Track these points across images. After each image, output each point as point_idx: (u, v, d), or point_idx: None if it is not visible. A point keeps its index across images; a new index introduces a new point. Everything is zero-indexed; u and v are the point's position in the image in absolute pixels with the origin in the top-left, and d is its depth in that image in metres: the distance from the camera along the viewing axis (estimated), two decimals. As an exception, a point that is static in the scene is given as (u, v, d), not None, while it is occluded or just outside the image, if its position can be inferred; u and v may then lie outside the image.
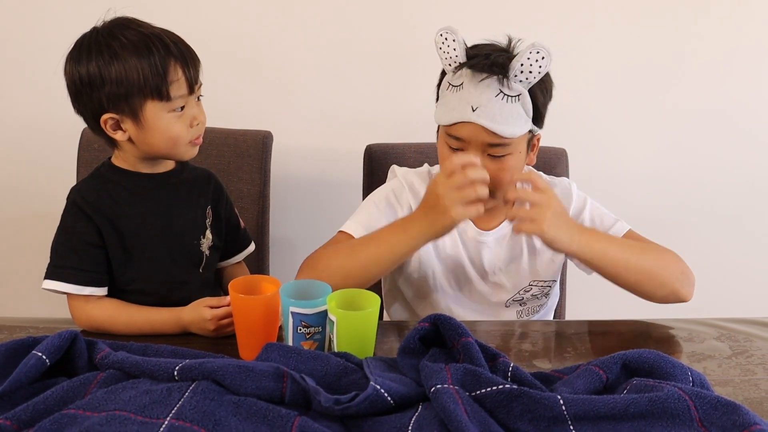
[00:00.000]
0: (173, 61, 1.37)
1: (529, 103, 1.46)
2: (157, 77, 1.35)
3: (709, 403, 1.01)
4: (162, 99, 1.37)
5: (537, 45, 1.40)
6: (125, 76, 1.35)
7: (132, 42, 1.35)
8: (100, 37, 1.37)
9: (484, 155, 1.48)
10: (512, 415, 1.02)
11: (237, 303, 1.27)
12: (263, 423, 1.00)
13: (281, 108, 2.28)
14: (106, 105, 1.38)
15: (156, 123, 1.39)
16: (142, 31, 1.37)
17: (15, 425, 0.98)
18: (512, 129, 1.45)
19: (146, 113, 1.38)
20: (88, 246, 1.43)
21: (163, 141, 1.41)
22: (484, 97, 1.43)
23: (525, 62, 1.41)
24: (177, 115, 1.39)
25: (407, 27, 2.22)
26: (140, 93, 1.36)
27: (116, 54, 1.35)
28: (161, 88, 1.36)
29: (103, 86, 1.36)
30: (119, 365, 1.11)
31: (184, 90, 1.39)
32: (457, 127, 1.48)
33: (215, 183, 1.62)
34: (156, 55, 1.35)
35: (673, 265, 1.51)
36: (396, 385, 1.06)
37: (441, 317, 1.18)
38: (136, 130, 1.40)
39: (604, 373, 1.11)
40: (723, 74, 2.33)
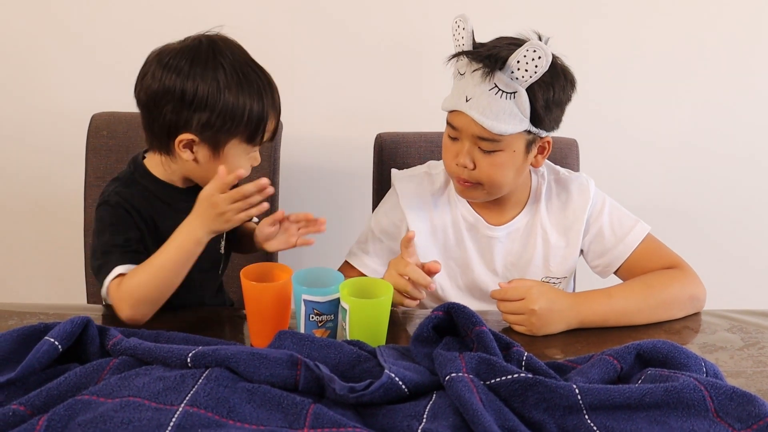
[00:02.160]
0: (273, 111, 1.38)
1: (525, 102, 1.43)
2: (258, 124, 1.36)
3: (725, 393, 1.01)
4: (250, 144, 1.38)
5: (534, 44, 1.37)
6: (231, 111, 1.33)
7: (248, 79, 1.34)
8: (209, 59, 1.33)
9: (476, 148, 1.49)
10: (527, 404, 1.02)
11: (249, 290, 1.27)
12: (277, 410, 1.00)
13: (291, 97, 2.27)
14: (194, 127, 1.34)
15: (231, 159, 1.38)
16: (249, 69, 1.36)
17: (29, 410, 0.98)
18: (502, 126, 1.43)
19: (228, 149, 1.37)
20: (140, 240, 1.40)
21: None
22: (478, 89, 1.43)
23: (521, 59, 1.38)
24: (249, 155, 1.41)
25: (418, 16, 2.22)
26: (235, 131, 1.35)
27: (229, 86, 1.32)
28: (256, 136, 1.37)
29: (203, 110, 1.32)
30: (132, 351, 1.11)
31: (267, 138, 1.41)
32: (452, 115, 1.50)
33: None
34: (265, 102, 1.35)
35: (681, 294, 1.48)
36: (410, 374, 1.06)
37: (454, 306, 1.18)
38: (208, 159, 1.37)
39: (618, 362, 1.11)
40: (738, 67, 2.32)
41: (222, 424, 0.96)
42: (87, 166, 1.92)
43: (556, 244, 1.62)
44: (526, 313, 1.37)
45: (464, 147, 1.49)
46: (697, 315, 1.48)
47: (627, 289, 1.49)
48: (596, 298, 1.43)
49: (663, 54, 2.29)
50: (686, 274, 1.51)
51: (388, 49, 2.24)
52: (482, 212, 1.62)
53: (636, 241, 1.57)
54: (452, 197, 1.65)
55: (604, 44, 2.27)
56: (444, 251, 1.64)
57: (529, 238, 1.63)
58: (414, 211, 1.63)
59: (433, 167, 1.71)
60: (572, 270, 1.67)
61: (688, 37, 2.28)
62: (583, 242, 1.62)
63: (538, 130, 1.48)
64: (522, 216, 1.63)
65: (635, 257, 1.57)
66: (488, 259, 1.64)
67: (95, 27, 2.21)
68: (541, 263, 1.63)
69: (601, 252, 1.60)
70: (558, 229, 1.62)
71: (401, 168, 1.75)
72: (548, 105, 1.46)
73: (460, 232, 1.63)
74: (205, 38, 1.38)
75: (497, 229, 1.62)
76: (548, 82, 1.43)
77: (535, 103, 1.44)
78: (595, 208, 1.61)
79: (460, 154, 1.50)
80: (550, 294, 1.40)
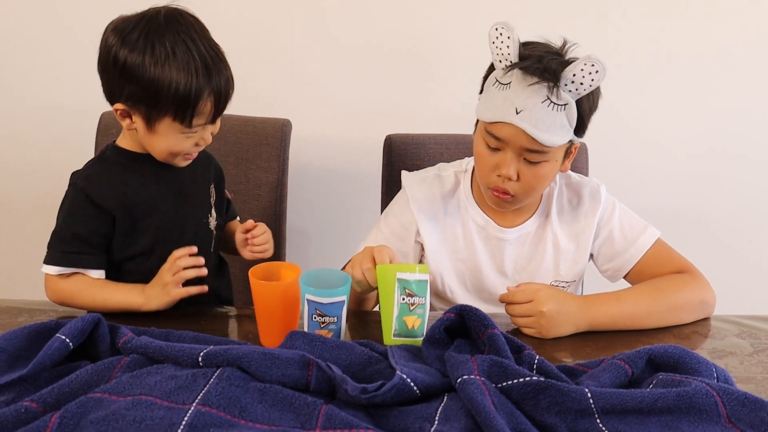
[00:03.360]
0: (208, 91, 1.33)
1: (574, 114, 1.42)
2: (187, 104, 1.32)
3: (737, 399, 1.01)
4: (182, 123, 1.35)
5: (593, 58, 1.35)
6: (158, 87, 1.30)
7: (178, 57, 1.30)
8: (153, 31, 1.32)
9: (520, 159, 1.46)
10: (539, 407, 1.02)
11: (257, 289, 1.27)
12: (289, 410, 1.00)
13: (301, 97, 2.28)
14: (126, 97, 1.34)
15: (164, 136, 1.37)
16: (192, 46, 1.32)
17: (41, 407, 0.98)
18: (553, 138, 1.41)
19: (160, 125, 1.36)
20: (94, 234, 1.42)
21: (162, 150, 1.40)
22: (530, 101, 1.40)
23: (578, 73, 1.37)
24: (187, 135, 1.38)
25: (429, 18, 2.21)
26: (164, 109, 1.33)
27: (159, 60, 1.30)
28: (186, 116, 1.33)
29: (133, 82, 1.32)
30: (143, 350, 1.11)
31: (205, 120, 1.37)
32: (497, 126, 1.45)
33: (214, 162, 1.63)
34: (195, 81, 1.31)
35: (691, 298, 1.48)
36: (422, 375, 1.05)
37: (466, 308, 1.18)
38: (144, 132, 1.38)
39: (630, 367, 1.11)
40: (750, 69, 2.31)
41: (234, 423, 0.96)
42: (94, 164, 1.93)
43: (566, 248, 1.62)
44: (534, 315, 1.37)
45: (507, 158, 1.46)
46: (707, 320, 1.48)
47: (636, 292, 1.49)
48: (605, 301, 1.43)
49: (673, 57, 2.29)
50: (696, 279, 1.51)
51: (399, 50, 2.24)
52: (493, 215, 1.62)
53: (646, 245, 1.57)
54: (462, 200, 1.64)
55: (613, 47, 2.26)
56: (454, 254, 1.64)
57: (540, 241, 1.63)
58: (424, 213, 1.63)
59: (443, 169, 1.70)
60: (581, 274, 1.66)
61: (699, 40, 2.28)
62: (593, 246, 1.62)
63: (575, 138, 1.48)
64: (533, 220, 1.63)
65: (645, 261, 1.57)
66: (498, 262, 1.63)
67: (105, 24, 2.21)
68: (551, 267, 1.63)
69: (612, 256, 1.60)
70: (568, 233, 1.62)
71: (410, 170, 1.74)
72: (590, 113, 1.48)
73: (470, 234, 1.63)
74: (164, 9, 1.36)
75: (508, 232, 1.62)
76: (591, 91, 1.43)
77: (582, 113, 1.44)
78: (605, 213, 1.61)
79: (503, 165, 1.47)
80: (558, 296, 1.40)
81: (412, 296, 1.24)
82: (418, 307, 1.25)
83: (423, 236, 1.62)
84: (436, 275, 1.64)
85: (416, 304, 1.25)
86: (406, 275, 1.24)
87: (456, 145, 1.92)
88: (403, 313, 1.25)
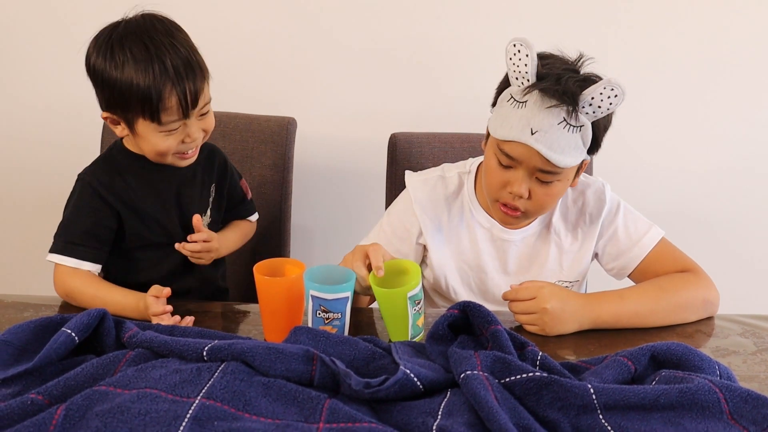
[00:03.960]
0: (170, 86, 1.33)
1: (589, 135, 1.42)
2: (150, 102, 1.33)
3: (740, 396, 1.01)
4: (152, 122, 1.36)
5: (613, 82, 1.34)
6: (122, 90, 1.34)
7: (135, 57, 1.33)
8: (114, 39, 1.35)
9: (532, 178, 1.46)
10: (542, 402, 1.02)
11: (261, 285, 1.27)
12: (293, 404, 1.00)
13: (305, 95, 2.28)
14: (105, 104, 1.39)
15: (146, 137, 1.39)
16: (150, 45, 1.34)
17: (47, 400, 0.99)
18: (567, 159, 1.41)
19: (138, 127, 1.38)
20: (99, 227, 1.46)
21: (150, 151, 1.43)
22: (546, 123, 1.39)
23: (596, 96, 1.36)
24: (168, 133, 1.39)
25: (434, 17, 2.21)
26: (134, 109, 1.35)
27: (120, 65, 1.33)
28: (153, 113, 1.34)
29: (104, 89, 1.36)
30: (147, 344, 1.12)
31: (178, 115, 1.37)
32: (511, 146, 1.43)
33: (220, 159, 1.63)
34: (152, 78, 1.32)
35: (694, 297, 1.48)
36: (425, 371, 1.06)
37: (470, 304, 1.18)
38: (130, 136, 1.42)
39: (633, 364, 1.11)
40: (753, 75, 2.32)
41: (238, 417, 0.96)
42: (99, 163, 1.94)
43: (569, 248, 1.63)
44: (537, 312, 1.38)
45: (519, 176, 1.46)
46: (710, 319, 1.49)
47: (640, 290, 1.49)
48: (609, 299, 1.43)
49: (677, 57, 2.29)
50: (700, 278, 1.51)
51: (403, 48, 2.25)
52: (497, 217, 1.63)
53: (650, 244, 1.57)
54: (466, 202, 1.65)
55: (618, 52, 2.27)
56: (458, 255, 1.64)
57: (544, 242, 1.64)
58: (427, 215, 1.63)
59: (446, 170, 1.70)
60: (585, 273, 1.67)
61: (704, 41, 2.28)
62: (598, 245, 1.62)
63: (587, 156, 1.48)
64: (537, 221, 1.63)
65: (649, 260, 1.57)
66: (502, 263, 1.64)
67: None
68: (555, 266, 1.63)
69: (616, 255, 1.60)
70: (572, 233, 1.63)
71: (415, 169, 1.75)
72: (604, 132, 1.47)
73: (475, 236, 1.63)
74: (136, 16, 1.39)
75: (512, 233, 1.62)
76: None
77: (597, 134, 1.44)
78: (610, 212, 1.61)
79: (515, 183, 1.46)
80: (561, 293, 1.40)
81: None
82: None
83: (426, 238, 1.62)
84: (440, 276, 1.65)
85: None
86: (413, 292, 1.25)
87: (460, 143, 1.93)
88: (416, 318, 1.28)
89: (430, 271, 1.66)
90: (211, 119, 1.45)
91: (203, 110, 1.41)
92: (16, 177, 2.41)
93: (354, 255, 1.39)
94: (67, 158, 2.33)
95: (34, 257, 2.49)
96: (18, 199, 2.43)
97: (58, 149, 2.36)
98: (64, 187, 2.36)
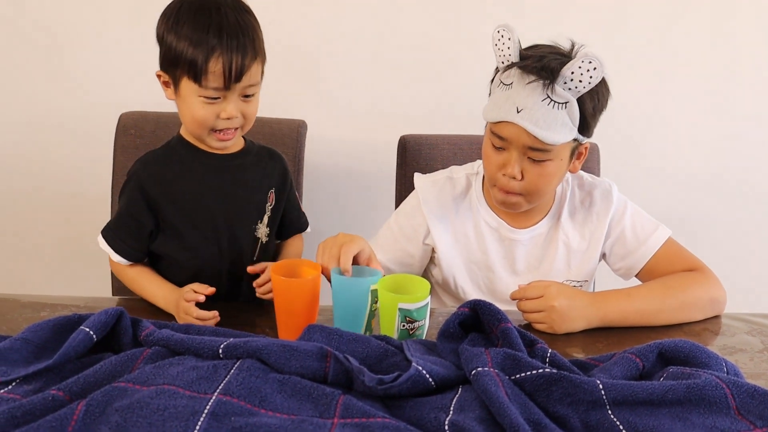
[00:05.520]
0: (219, 53, 1.36)
1: (576, 111, 1.45)
2: (196, 62, 1.36)
3: (746, 392, 1.02)
4: (195, 82, 1.38)
5: (590, 55, 1.39)
6: (173, 47, 1.38)
7: (196, 21, 1.37)
8: (186, 3, 1.40)
9: (525, 158, 1.49)
10: (552, 398, 1.03)
11: (278, 285, 1.29)
12: (308, 400, 1.02)
13: (316, 98, 2.30)
14: (160, 62, 1.43)
15: (187, 99, 1.42)
16: (215, 14, 1.38)
17: (67, 396, 1.00)
18: (555, 136, 1.44)
19: (182, 87, 1.41)
20: (136, 223, 1.48)
21: (189, 118, 1.44)
22: (530, 100, 1.43)
23: (576, 70, 1.40)
24: (207, 101, 1.40)
25: (444, 19, 2.23)
26: (181, 67, 1.38)
27: (177, 23, 1.38)
28: (197, 74, 1.37)
29: (162, 45, 1.41)
30: (164, 342, 1.14)
31: (219, 83, 1.38)
32: (500, 126, 1.48)
33: (281, 165, 1.63)
34: (205, 42, 1.35)
35: (701, 296, 1.50)
36: (437, 368, 1.07)
37: (480, 303, 1.20)
38: (175, 97, 1.45)
39: (641, 360, 1.12)
40: (761, 72, 2.33)
41: (254, 412, 0.98)
42: (115, 164, 1.96)
43: (577, 247, 1.64)
44: (545, 310, 1.39)
45: (512, 157, 1.50)
46: (717, 318, 1.50)
47: (647, 289, 1.51)
48: (616, 297, 1.45)
49: (684, 60, 2.31)
50: (707, 277, 1.52)
51: (413, 50, 2.26)
52: (505, 217, 1.65)
53: (657, 243, 1.59)
54: (474, 202, 1.67)
55: (626, 49, 2.28)
56: (466, 255, 1.66)
57: (552, 241, 1.65)
58: (436, 216, 1.65)
59: (454, 172, 1.72)
60: (593, 273, 1.68)
61: (713, 41, 2.30)
62: (605, 246, 1.64)
63: (582, 138, 1.50)
64: (545, 221, 1.65)
65: (656, 260, 1.58)
66: (510, 262, 1.65)
67: (124, 26, 2.25)
68: (563, 266, 1.65)
69: (624, 254, 1.62)
70: (580, 233, 1.64)
71: (424, 170, 1.77)
72: (594, 113, 1.49)
73: (483, 235, 1.65)
74: None
75: (520, 233, 1.64)
76: (595, 90, 1.45)
77: (584, 112, 1.46)
78: (617, 212, 1.63)
79: (508, 164, 1.50)
80: (569, 292, 1.42)
81: (413, 322, 1.26)
82: (418, 329, 1.27)
83: (435, 238, 1.64)
84: (449, 276, 1.67)
85: (416, 328, 1.27)
86: (407, 305, 1.25)
87: (469, 145, 1.94)
88: (403, 337, 1.26)
89: (439, 271, 1.68)
90: (255, 105, 1.47)
91: (247, 91, 1.43)
92: (29, 178, 2.43)
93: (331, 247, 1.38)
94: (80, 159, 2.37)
95: (48, 259, 2.52)
96: (32, 201, 2.45)
97: (70, 150, 2.39)
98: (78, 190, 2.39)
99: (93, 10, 2.24)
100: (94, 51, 2.26)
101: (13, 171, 2.42)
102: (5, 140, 2.39)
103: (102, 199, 2.04)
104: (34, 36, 2.28)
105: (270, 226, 1.58)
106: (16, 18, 2.26)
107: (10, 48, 2.30)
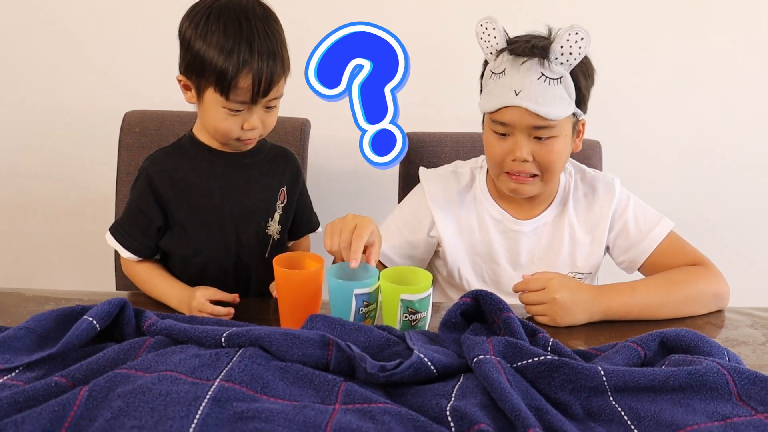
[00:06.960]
0: (248, 70, 1.36)
1: (571, 85, 1.48)
2: (225, 76, 1.35)
3: (748, 378, 1.02)
4: (221, 95, 1.38)
5: (576, 26, 1.42)
6: (202, 57, 1.36)
7: (226, 32, 1.35)
8: (213, 9, 1.38)
9: (530, 139, 1.50)
10: (553, 385, 1.04)
11: (281, 277, 1.29)
12: (309, 387, 1.02)
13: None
14: (183, 67, 1.42)
15: (211, 109, 1.41)
16: (244, 24, 1.36)
17: (70, 382, 1.01)
18: (556, 110, 1.46)
19: (206, 97, 1.41)
20: (145, 219, 1.48)
21: (212, 127, 1.44)
22: (527, 81, 1.45)
23: (564, 44, 1.43)
24: (231, 113, 1.40)
25: (447, 17, 2.24)
26: (208, 78, 1.37)
27: (206, 33, 1.36)
28: (225, 88, 1.36)
29: (188, 52, 1.39)
30: (167, 332, 1.14)
31: (246, 98, 1.38)
32: (501, 113, 1.50)
33: (294, 164, 1.63)
34: (235, 56, 1.35)
35: (705, 290, 1.50)
36: (438, 356, 1.08)
37: (483, 293, 1.20)
38: (196, 101, 1.44)
39: (642, 349, 1.13)
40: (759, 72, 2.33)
41: (256, 399, 0.98)
42: (119, 162, 1.96)
43: (582, 240, 1.64)
44: (547, 302, 1.40)
45: (518, 141, 1.51)
46: (720, 311, 1.50)
47: (650, 283, 1.51)
48: (619, 291, 1.45)
49: (687, 55, 2.31)
50: (710, 272, 1.53)
51: (416, 48, 2.24)
52: (508, 208, 1.65)
53: (660, 236, 1.59)
54: (478, 194, 1.67)
55: (628, 46, 2.29)
56: (470, 247, 1.67)
57: (556, 233, 1.66)
58: (441, 208, 1.66)
59: (459, 166, 1.74)
60: (597, 266, 1.68)
61: (716, 37, 2.30)
62: (609, 238, 1.64)
63: (579, 112, 1.53)
64: (549, 212, 1.65)
65: (659, 253, 1.58)
66: (514, 254, 1.66)
67: (128, 25, 2.26)
68: (567, 258, 1.65)
69: (627, 247, 1.62)
70: (584, 226, 1.65)
71: (428, 167, 1.77)
72: (588, 84, 1.53)
73: (486, 227, 1.65)
74: None
75: (524, 224, 1.64)
76: (583, 63, 1.49)
77: (579, 85, 1.49)
78: (620, 205, 1.64)
79: (516, 148, 1.52)
80: (571, 284, 1.42)
81: (415, 313, 1.26)
82: (420, 320, 1.28)
83: (440, 231, 1.65)
84: (453, 269, 1.67)
85: (418, 319, 1.27)
86: (409, 296, 1.25)
87: (472, 143, 1.95)
88: (405, 328, 1.27)
89: (443, 264, 1.68)
90: (274, 117, 1.48)
91: (271, 103, 1.44)
92: (33, 178, 2.44)
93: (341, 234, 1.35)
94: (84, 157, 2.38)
95: (53, 257, 2.53)
96: (36, 201, 2.46)
97: (75, 149, 2.40)
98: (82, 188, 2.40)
99: (98, 10, 2.25)
100: (99, 49, 2.27)
101: (18, 168, 2.43)
102: (10, 138, 2.40)
103: (106, 196, 2.05)
104: (38, 35, 2.30)
105: (282, 224, 1.58)
106: (21, 17, 2.27)
107: (15, 47, 2.31)
